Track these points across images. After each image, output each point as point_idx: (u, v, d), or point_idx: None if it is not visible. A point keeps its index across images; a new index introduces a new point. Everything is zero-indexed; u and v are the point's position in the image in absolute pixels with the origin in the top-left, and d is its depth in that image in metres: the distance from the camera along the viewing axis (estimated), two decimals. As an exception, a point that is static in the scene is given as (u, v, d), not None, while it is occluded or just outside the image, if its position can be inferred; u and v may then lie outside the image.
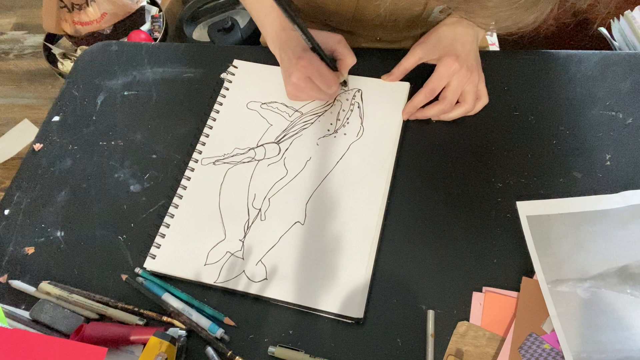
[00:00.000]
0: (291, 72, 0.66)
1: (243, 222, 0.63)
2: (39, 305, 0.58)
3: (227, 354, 0.55)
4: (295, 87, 0.68)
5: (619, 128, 0.67)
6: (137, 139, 0.73)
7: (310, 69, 0.65)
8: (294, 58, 0.66)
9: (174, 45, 0.83)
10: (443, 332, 0.55)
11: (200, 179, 0.67)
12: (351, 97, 0.72)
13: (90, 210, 0.67)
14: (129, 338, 0.55)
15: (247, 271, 0.60)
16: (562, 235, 0.59)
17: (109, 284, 0.61)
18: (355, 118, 0.70)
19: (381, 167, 0.66)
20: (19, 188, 0.70)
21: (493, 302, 0.56)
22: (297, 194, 0.65)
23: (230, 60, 0.77)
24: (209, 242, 0.62)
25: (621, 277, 0.55)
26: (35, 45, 1.96)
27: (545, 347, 0.53)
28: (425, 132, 0.69)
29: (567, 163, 0.65)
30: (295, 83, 0.67)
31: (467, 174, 0.65)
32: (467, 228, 0.61)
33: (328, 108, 0.71)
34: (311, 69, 0.65)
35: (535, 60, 0.74)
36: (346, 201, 0.64)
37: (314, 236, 0.62)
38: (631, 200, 0.60)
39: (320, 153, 0.68)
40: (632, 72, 0.72)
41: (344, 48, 0.68)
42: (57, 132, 0.75)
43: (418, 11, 0.70)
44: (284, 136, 0.69)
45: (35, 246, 0.65)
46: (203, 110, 0.73)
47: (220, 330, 0.56)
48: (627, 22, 1.12)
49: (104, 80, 0.79)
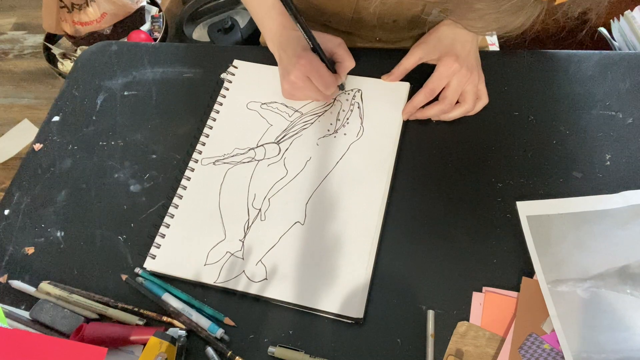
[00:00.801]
0: (290, 70, 0.66)
1: (243, 222, 0.63)
2: (39, 305, 0.58)
3: (227, 354, 0.55)
4: (293, 86, 0.68)
5: (619, 128, 0.67)
6: (137, 139, 0.73)
7: (310, 69, 0.65)
8: (294, 57, 0.66)
9: (174, 45, 0.83)
10: (443, 332, 0.55)
11: (200, 179, 0.67)
12: (351, 97, 0.72)
13: (90, 210, 0.67)
14: (129, 338, 0.55)
15: (247, 271, 0.60)
16: (562, 235, 0.59)
17: (109, 284, 0.61)
18: (355, 118, 0.70)
19: (381, 167, 0.66)
20: (19, 188, 0.70)
21: (493, 302, 0.56)
22: (297, 194, 0.65)
23: (230, 60, 0.77)
24: (209, 242, 0.62)
25: (621, 277, 0.55)
26: (35, 45, 1.96)
27: (545, 347, 0.53)
28: (425, 132, 0.69)
29: (567, 163, 0.65)
30: (293, 81, 0.67)
31: (467, 174, 0.65)
32: (467, 228, 0.61)
33: (328, 108, 0.71)
34: (311, 68, 0.65)
35: (535, 60, 0.74)
36: (346, 201, 0.64)
37: (314, 236, 0.62)
38: (631, 200, 0.60)
39: (320, 153, 0.68)
40: (632, 72, 0.72)
41: (343, 51, 0.68)
42: (57, 132, 0.75)
43: (417, 11, 0.70)
44: (284, 136, 0.69)
45: (35, 246, 0.65)
46: (203, 110, 0.73)
47: (220, 330, 0.56)
48: (627, 22, 1.12)
49: (104, 80, 0.79)
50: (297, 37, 0.66)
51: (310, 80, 0.66)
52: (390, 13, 0.71)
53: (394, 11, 0.71)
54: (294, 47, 0.66)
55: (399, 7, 0.69)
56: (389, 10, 0.70)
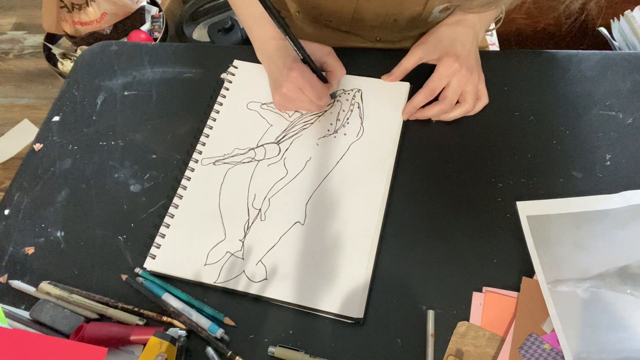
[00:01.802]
0: (281, 82, 0.66)
1: (243, 222, 0.63)
2: (39, 305, 0.58)
3: (227, 354, 0.55)
4: (285, 98, 0.68)
5: (619, 128, 0.67)
6: (137, 139, 0.73)
7: (302, 81, 0.65)
8: (284, 69, 0.66)
9: (174, 45, 0.83)
10: (443, 332, 0.55)
11: (201, 179, 0.67)
12: (351, 97, 0.72)
13: (90, 210, 0.67)
14: (129, 338, 0.55)
15: (247, 271, 0.60)
16: (562, 235, 0.59)
17: (109, 284, 0.61)
18: (355, 118, 0.70)
19: (381, 167, 0.66)
20: (19, 188, 0.70)
21: (493, 302, 0.56)
22: (297, 194, 0.65)
23: (231, 60, 0.77)
24: (209, 242, 0.62)
25: (621, 277, 0.55)
26: (35, 45, 1.96)
27: (545, 347, 0.53)
28: (425, 132, 0.69)
29: (567, 163, 0.65)
30: (285, 94, 0.67)
31: (467, 174, 0.65)
32: (467, 228, 0.61)
33: (328, 108, 0.71)
34: (302, 80, 0.65)
35: (535, 60, 0.74)
36: (346, 201, 0.64)
37: (314, 236, 0.62)
38: (631, 200, 0.60)
39: (320, 153, 0.68)
40: (632, 72, 0.72)
41: (333, 60, 0.68)
42: (57, 132, 0.75)
43: (418, 11, 0.70)
44: (284, 136, 0.69)
45: (35, 246, 0.65)
46: (203, 110, 0.73)
47: (220, 330, 0.56)
48: (627, 22, 1.12)
49: (104, 80, 0.79)
50: (286, 48, 0.66)
51: (302, 92, 0.66)
52: (391, 12, 0.71)
53: (394, 10, 0.71)
54: (284, 59, 0.66)
55: (400, 5, 0.69)
56: (390, 9, 0.70)
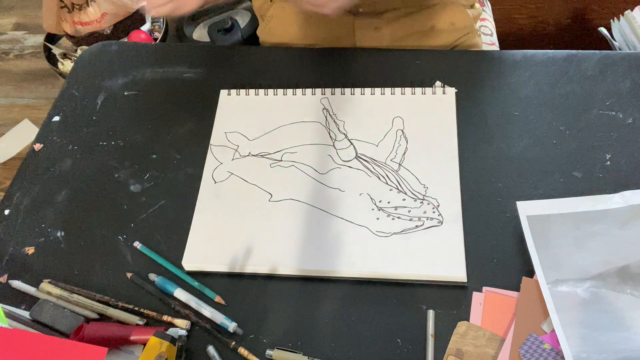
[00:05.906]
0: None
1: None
2: (39, 305, 0.58)
3: (231, 345, 0.56)
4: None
5: (619, 128, 0.67)
6: (137, 139, 0.73)
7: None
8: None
9: (174, 45, 0.83)
10: (443, 332, 0.55)
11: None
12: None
13: (90, 210, 0.67)
14: (129, 338, 0.55)
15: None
16: (562, 235, 0.59)
17: (109, 284, 0.61)
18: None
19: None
20: (19, 188, 0.70)
21: (493, 302, 0.56)
22: (314, 191, 0.65)
23: (231, 60, 0.77)
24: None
25: (621, 277, 0.55)
26: (35, 45, 1.96)
27: (545, 347, 0.53)
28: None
29: (567, 163, 0.65)
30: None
31: (467, 173, 0.65)
32: (467, 228, 0.61)
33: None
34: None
35: (535, 60, 0.74)
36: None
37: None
38: (631, 200, 0.60)
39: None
40: (632, 72, 0.72)
41: None
42: (57, 132, 0.75)
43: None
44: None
45: (35, 246, 0.65)
46: (203, 110, 0.73)
47: (233, 324, 0.57)
48: (627, 22, 1.11)
49: (104, 80, 0.79)
50: None
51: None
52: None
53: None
54: None
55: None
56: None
